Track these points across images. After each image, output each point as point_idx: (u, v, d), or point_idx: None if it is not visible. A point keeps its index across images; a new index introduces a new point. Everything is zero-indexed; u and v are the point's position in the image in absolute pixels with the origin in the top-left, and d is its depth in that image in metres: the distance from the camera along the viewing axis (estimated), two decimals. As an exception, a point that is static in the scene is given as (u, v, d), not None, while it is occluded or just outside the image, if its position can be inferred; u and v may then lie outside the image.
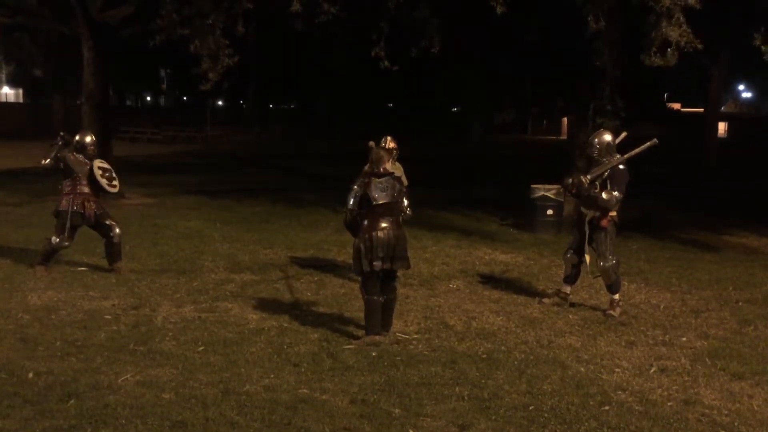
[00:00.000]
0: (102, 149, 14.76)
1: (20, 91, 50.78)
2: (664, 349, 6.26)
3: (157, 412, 4.63)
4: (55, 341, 5.95)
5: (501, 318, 7.06)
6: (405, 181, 8.77)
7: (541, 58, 15.16)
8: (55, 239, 8.13)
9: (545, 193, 12.39)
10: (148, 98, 64.76)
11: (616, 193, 7.07)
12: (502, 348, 6.15)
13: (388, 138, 8.61)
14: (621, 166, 7.15)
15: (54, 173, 8.54)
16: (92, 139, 8.33)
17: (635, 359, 5.97)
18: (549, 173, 14.32)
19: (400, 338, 6.29)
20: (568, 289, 7.62)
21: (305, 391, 5.08)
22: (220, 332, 6.34)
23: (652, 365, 5.83)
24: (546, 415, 4.80)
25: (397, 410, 4.80)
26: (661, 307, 7.66)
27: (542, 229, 12.21)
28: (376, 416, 4.68)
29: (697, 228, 13.08)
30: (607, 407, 4.95)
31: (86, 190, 8.16)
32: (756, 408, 5.05)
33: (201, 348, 5.90)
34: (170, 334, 6.24)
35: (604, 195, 7.08)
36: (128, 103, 58.62)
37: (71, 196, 8.10)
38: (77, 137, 8.30)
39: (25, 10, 15.99)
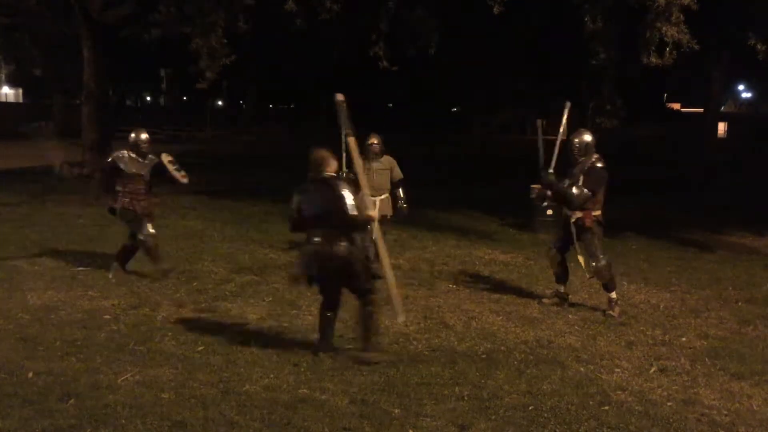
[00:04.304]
0: (102, 149, 14.87)
1: (20, 90, 50.77)
2: (663, 349, 6.26)
3: (157, 412, 4.63)
4: (54, 341, 5.95)
5: (501, 318, 7.06)
6: (399, 174, 9.07)
7: (540, 58, 15.18)
8: (140, 237, 8.05)
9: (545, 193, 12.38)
10: (148, 98, 64.76)
11: (585, 190, 7.09)
12: (502, 348, 6.15)
13: (372, 134, 8.95)
14: (599, 165, 7.19)
15: (52, 173, 8.53)
16: (146, 136, 8.23)
17: (635, 359, 5.97)
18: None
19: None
20: (562, 287, 7.62)
21: (305, 390, 5.08)
22: (220, 332, 6.34)
23: (651, 365, 5.83)
24: (546, 415, 4.80)
25: (396, 410, 4.80)
26: (661, 307, 7.66)
27: (542, 229, 12.20)
28: (376, 416, 4.68)
29: (697, 228, 13.08)
30: (606, 407, 4.96)
31: (136, 187, 8.09)
32: (755, 408, 5.06)
33: (201, 348, 5.89)
34: (170, 333, 6.24)
35: (573, 190, 7.11)
36: (128, 103, 58.61)
37: (120, 193, 8.05)
38: (132, 135, 8.19)
39: (25, 10, 16.00)
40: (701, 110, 26.76)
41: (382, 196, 8.77)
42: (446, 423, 4.64)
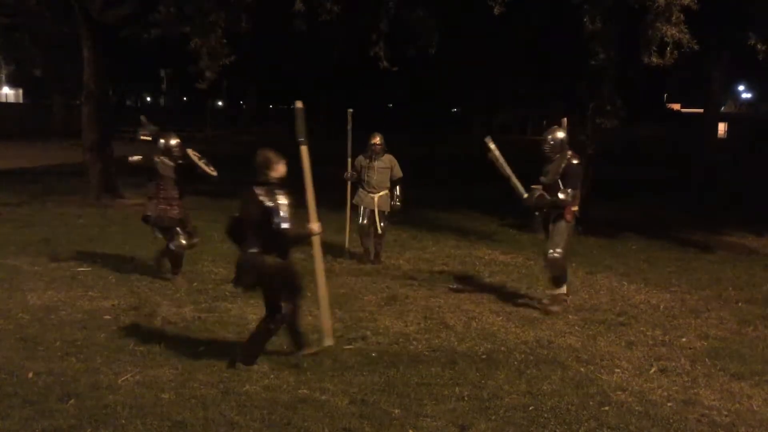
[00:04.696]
0: (102, 149, 14.86)
1: (20, 91, 50.78)
2: (663, 349, 6.26)
3: (157, 412, 4.63)
4: (54, 341, 5.95)
5: (501, 318, 7.06)
6: (399, 173, 9.42)
7: (540, 59, 15.19)
8: (173, 245, 8.04)
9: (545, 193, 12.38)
10: (148, 98, 64.76)
11: (569, 190, 7.11)
12: (502, 348, 6.15)
13: (375, 134, 9.38)
14: (574, 162, 7.19)
15: (52, 173, 8.53)
16: (178, 141, 8.21)
17: (635, 359, 5.97)
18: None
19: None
20: (564, 288, 7.60)
21: (305, 391, 5.08)
22: (220, 332, 6.34)
23: (651, 365, 5.83)
24: (546, 415, 4.80)
25: (396, 410, 4.80)
26: (661, 307, 7.66)
27: (542, 230, 12.20)
28: (376, 416, 4.68)
29: (697, 228, 13.09)
30: (606, 407, 4.95)
31: (171, 193, 8.07)
32: (755, 408, 5.06)
33: (201, 348, 5.89)
34: (170, 334, 6.24)
35: (560, 195, 7.12)
36: (128, 103, 58.60)
37: (155, 200, 8.02)
38: (161, 140, 8.16)
39: (25, 10, 15.99)
40: (701, 110, 26.77)
41: (381, 193, 9.30)
42: (446, 423, 4.64)
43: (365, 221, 9.40)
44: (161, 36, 13.05)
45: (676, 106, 58.99)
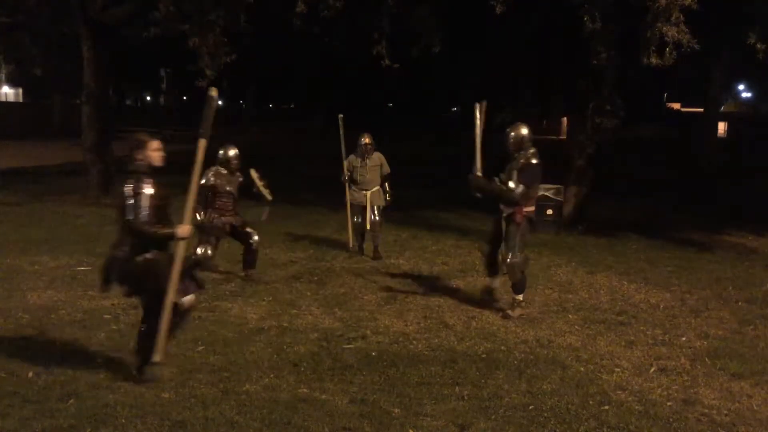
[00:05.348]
0: (102, 149, 14.86)
1: (20, 90, 50.77)
2: (663, 348, 6.26)
3: (157, 412, 4.63)
4: (54, 341, 5.95)
5: (501, 317, 7.05)
6: (388, 169, 9.77)
7: (540, 58, 15.18)
8: (198, 251, 8.12)
9: (545, 193, 12.40)
10: (148, 98, 64.78)
11: (521, 186, 6.94)
12: (502, 348, 6.15)
13: (365, 134, 9.78)
14: (534, 161, 7.05)
15: (52, 173, 8.54)
16: (236, 152, 8.27)
17: (635, 359, 5.97)
18: (549, 173, 14.32)
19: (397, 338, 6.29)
20: (495, 282, 7.56)
21: (305, 390, 5.08)
22: (220, 332, 6.34)
23: (651, 365, 5.83)
24: (546, 414, 4.80)
25: (396, 410, 4.80)
26: (661, 306, 7.66)
27: (542, 229, 12.19)
28: (376, 416, 4.68)
29: (697, 228, 13.09)
30: (606, 407, 4.96)
31: (225, 203, 8.17)
32: (755, 408, 5.06)
33: (201, 347, 5.90)
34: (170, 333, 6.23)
35: (510, 184, 6.97)
36: (128, 102, 58.62)
37: (210, 209, 8.14)
38: (221, 151, 8.25)
39: (25, 9, 15.98)
40: (701, 110, 26.80)
41: (374, 189, 9.78)
42: (446, 423, 4.64)
43: (358, 218, 9.81)
44: (161, 35, 13.03)
45: (676, 106, 59.03)
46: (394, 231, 11.21)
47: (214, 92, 5.27)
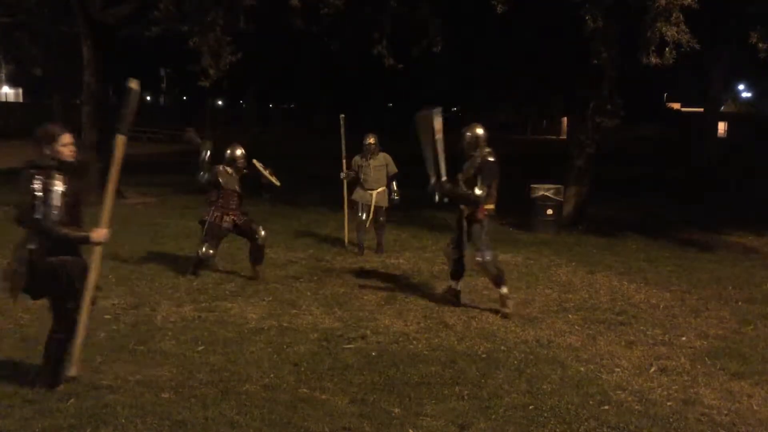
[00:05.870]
0: (102, 149, 14.86)
1: (20, 90, 50.80)
2: (663, 348, 6.26)
3: (157, 412, 4.63)
4: (54, 341, 5.94)
5: (501, 317, 7.05)
6: (394, 169, 9.81)
7: (541, 58, 15.18)
8: (201, 250, 8.17)
9: (545, 193, 12.42)
10: (148, 98, 64.72)
11: (485, 188, 7.04)
12: (502, 347, 6.15)
13: (369, 134, 9.86)
14: (490, 159, 7.10)
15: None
16: (242, 152, 8.33)
17: (635, 359, 5.97)
18: (549, 173, 14.33)
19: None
20: (455, 284, 7.55)
21: (305, 390, 5.08)
22: (220, 332, 6.34)
23: (651, 365, 5.83)
24: (546, 414, 4.80)
25: (396, 410, 4.80)
26: (661, 306, 7.66)
27: (542, 229, 12.23)
28: (376, 416, 4.68)
29: (697, 228, 13.09)
30: (606, 407, 4.95)
31: (230, 202, 8.21)
32: (755, 407, 5.05)
33: (201, 347, 5.90)
34: (170, 333, 6.24)
35: (477, 191, 7.03)
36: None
37: (213, 207, 8.18)
38: (228, 151, 8.31)
39: (25, 9, 15.99)
40: (701, 110, 26.80)
41: (379, 189, 9.82)
42: (446, 422, 4.64)
43: (363, 217, 9.86)
44: (161, 35, 13.04)
45: (676, 106, 59.01)
46: (394, 231, 11.22)
47: (134, 84, 4.90)
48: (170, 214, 13.10)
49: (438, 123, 7.10)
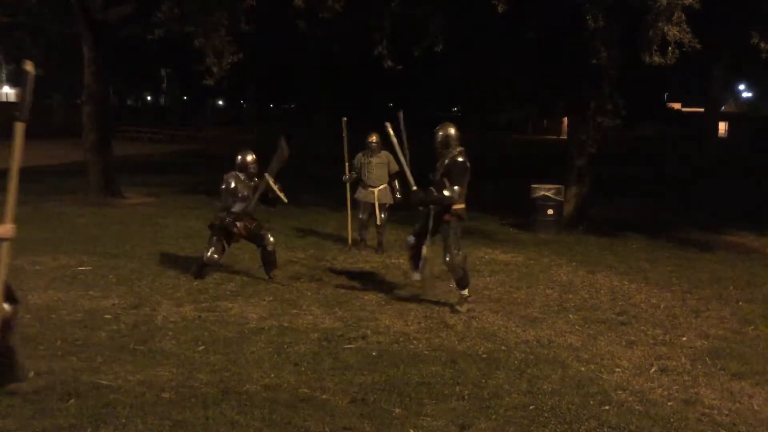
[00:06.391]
0: (103, 149, 14.87)
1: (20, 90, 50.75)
2: (664, 348, 6.26)
3: (158, 412, 4.63)
4: (55, 340, 5.95)
5: (501, 317, 7.05)
6: (396, 167, 9.67)
7: (542, 57, 15.16)
8: (207, 254, 8.12)
9: (546, 193, 12.41)
10: (149, 98, 64.77)
11: (456, 187, 7.00)
12: (503, 347, 6.15)
13: (372, 133, 10.01)
14: (460, 159, 7.09)
15: (53, 173, 8.54)
16: (253, 158, 8.31)
17: (635, 359, 5.97)
18: (549, 173, 14.33)
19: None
20: (417, 275, 7.58)
21: (305, 390, 5.08)
22: (221, 331, 6.34)
23: (652, 365, 5.83)
24: (546, 414, 4.80)
25: (397, 410, 4.80)
26: (662, 306, 7.66)
27: (542, 229, 12.23)
28: (377, 416, 4.68)
29: (697, 228, 13.09)
30: (607, 407, 4.95)
31: (243, 207, 8.15)
32: (756, 407, 5.05)
33: (201, 347, 5.90)
34: (170, 333, 6.24)
35: (446, 193, 7.02)
36: (129, 102, 58.64)
37: (224, 212, 8.13)
38: (239, 157, 8.30)
39: (26, 9, 15.98)
40: (702, 110, 26.82)
41: (381, 187, 9.99)
42: (447, 422, 4.63)
43: (365, 215, 10.04)
44: (164, 36, 13.06)
45: (677, 106, 59.03)
46: (394, 231, 11.20)
47: (29, 66, 4.53)
48: (170, 214, 13.10)
49: (391, 134, 7.27)
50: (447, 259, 7.18)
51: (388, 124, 7.58)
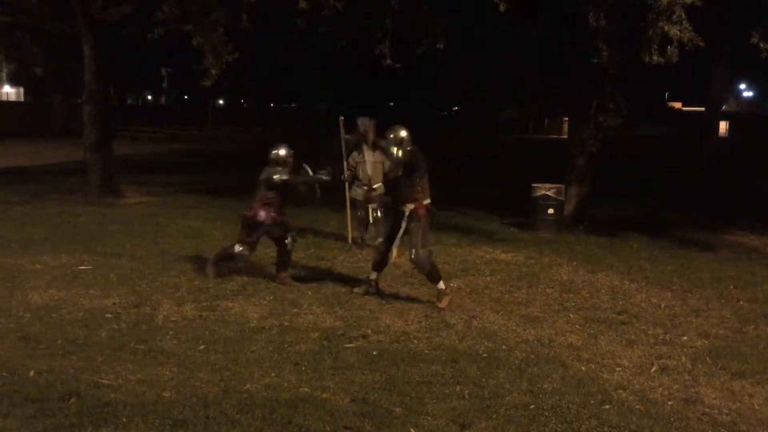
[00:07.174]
0: (103, 148, 14.86)
1: (21, 89, 50.85)
2: (664, 348, 6.26)
3: (158, 411, 4.63)
4: (56, 340, 5.95)
5: (502, 317, 7.06)
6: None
7: (543, 57, 15.18)
8: (238, 248, 8.10)
9: (546, 192, 12.40)
10: (149, 97, 64.81)
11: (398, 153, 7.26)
12: (503, 347, 6.15)
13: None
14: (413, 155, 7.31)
15: (53, 172, 8.54)
16: (287, 151, 8.19)
17: (636, 358, 5.97)
18: (550, 172, 14.32)
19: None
20: (375, 275, 7.66)
21: (306, 389, 5.08)
22: (221, 331, 6.34)
23: (652, 364, 5.83)
24: (547, 413, 4.80)
25: (397, 409, 4.80)
26: (662, 305, 7.66)
27: (543, 228, 12.22)
28: (377, 415, 4.68)
29: (698, 227, 13.09)
30: (607, 406, 4.95)
31: (272, 198, 8.10)
32: (757, 407, 5.05)
33: (202, 346, 5.90)
34: (171, 332, 6.25)
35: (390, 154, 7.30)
36: (129, 101, 58.67)
37: (267, 207, 8.08)
38: (273, 151, 8.18)
39: (26, 9, 15.98)
40: (702, 109, 26.78)
41: (375, 185, 10.10)
42: (447, 422, 4.64)
43: (362, 213, 10.17)
44: (164, 35, 13.06)
45: (678, 105, 59.02)
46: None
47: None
48: (171, 213, 13.10)
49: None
50: (412, 256, 7.26)
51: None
